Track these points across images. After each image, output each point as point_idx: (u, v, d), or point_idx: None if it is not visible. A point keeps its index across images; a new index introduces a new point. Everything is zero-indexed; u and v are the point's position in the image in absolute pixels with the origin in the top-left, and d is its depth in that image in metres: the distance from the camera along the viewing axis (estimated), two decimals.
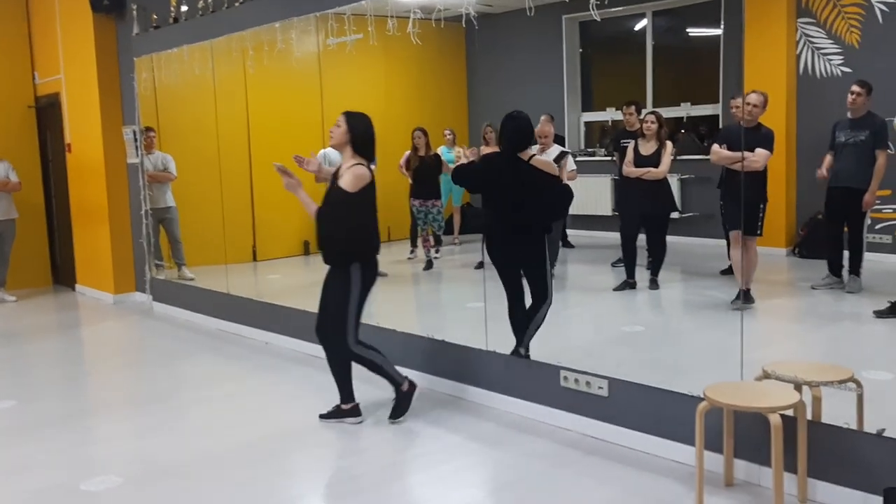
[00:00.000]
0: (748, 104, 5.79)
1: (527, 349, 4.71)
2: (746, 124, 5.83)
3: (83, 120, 8.77)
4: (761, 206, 5.77)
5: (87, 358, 6.90)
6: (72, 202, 9.26)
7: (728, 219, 6.02)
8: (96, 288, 9.01)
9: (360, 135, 4.38)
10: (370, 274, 4.44)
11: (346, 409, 4.61)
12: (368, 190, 4.32)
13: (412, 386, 4.67)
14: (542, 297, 4.75)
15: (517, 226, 4.67)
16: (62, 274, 9.86)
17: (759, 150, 5.61)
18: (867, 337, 5.28)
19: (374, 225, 4.46)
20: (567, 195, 4.81)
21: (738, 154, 5.69)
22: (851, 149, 5.87)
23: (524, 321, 4.74)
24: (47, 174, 9.86)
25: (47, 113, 9.64)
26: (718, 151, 5.83)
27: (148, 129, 8.23)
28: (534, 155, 4.68)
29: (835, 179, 6.00)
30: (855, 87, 5.86)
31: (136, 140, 8.25)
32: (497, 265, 4.82)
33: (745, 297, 5.68)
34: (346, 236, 4.34)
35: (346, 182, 4.27)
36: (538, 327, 4.74)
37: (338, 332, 4.44)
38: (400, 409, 4.60)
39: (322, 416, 4.66)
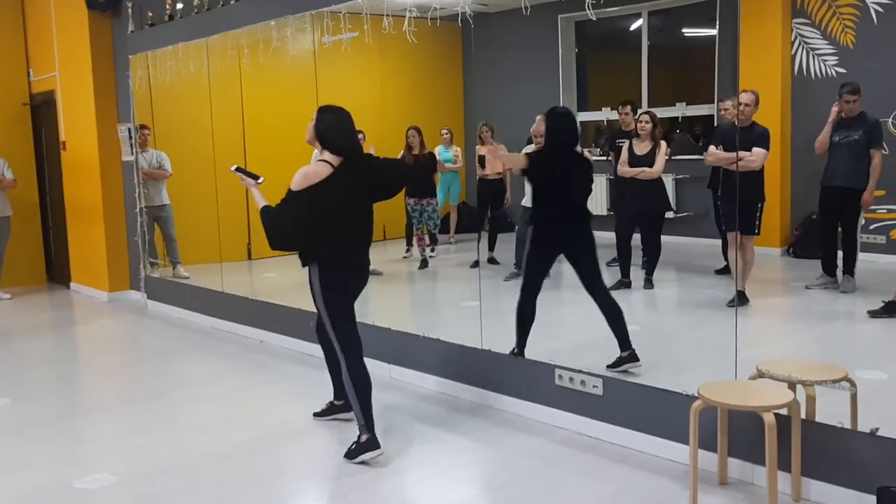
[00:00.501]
0: (741, 104, 5.81)
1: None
2: (741, 124, 5.85)
3: (78, 117, 8.76)
4: (759, 205, 5.79)
5: (82, 356, 6.89)
6: (66, 200, 9.24)
7: (726, 219, 6.03)
8: (91, 286, 8.99)
9: (326, 129, 4.07)
10: (332, 276, 4.10)
11: (339, 405, 4.60)
12: (324, 188, 3.94)
13: (372, 444, 4.04)
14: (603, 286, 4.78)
15: (581, 217, 4.77)
16: (56, 272, 9.84)
17: (755, 150, 5.63)
18: (861, 336, 5.29)
19: (340, 225, 4.04)
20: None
21: (732, 155, 5.71)
22: (845, 148, 5.89)
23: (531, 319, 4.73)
24: (42, 172, 9.83)
25: (42, 110, 9.61)
26: (715, 153, 5.85)
27: (142, 126, 8.21)
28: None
29: (829, 179, 6.02)
30: (849, 97, 5.86)
31: (131, 138, 8.24)
32: (546, 257, 4.79)
33: (740, 298, 5.69)
34: (278, 227, 3.98)
35: (294, 179, 3.97)
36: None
37: (323, 331, 4.35)
38: (352, 453, 4.07)
39: (316, 415, 4.66)
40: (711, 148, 5.97)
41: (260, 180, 4.24)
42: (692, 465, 3.40)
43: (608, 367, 4.52)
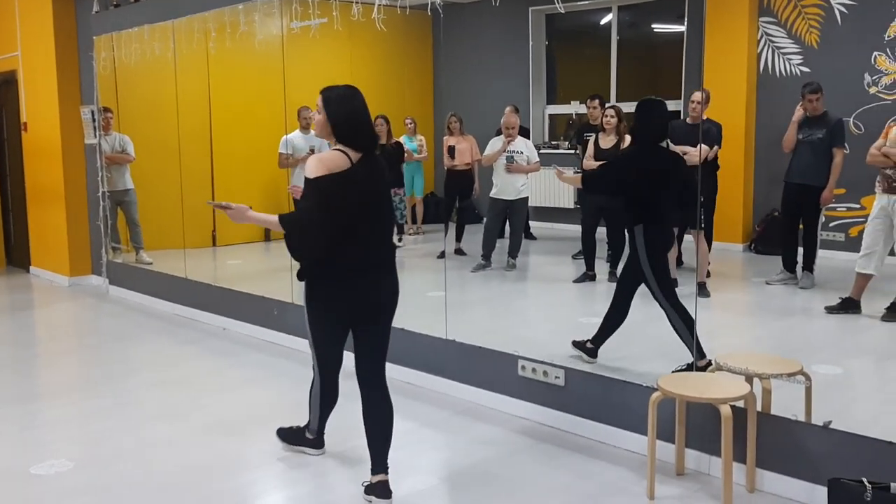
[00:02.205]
0: (691, 102, 5.96)
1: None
2: (692, 121, 5.97)
3: (40, 99, 8.59)
4: (703, 199, 5.91)
5: (39, 340, 6.78)
6: (27, 182, 9.06)
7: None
8: (51, 270, 8.84)
9: (343, 121, 3.36)
10: (322, 290, 3.39)
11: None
12: (338, 184, 3.22)
13: (318, 443, 3.97)
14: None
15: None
16: (16, 255, 9.67)
17: (702, 145, 5.79)
18: (817, 332, 5.39)
19: (352, 232, 3.28)
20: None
21: (678, 150, 5.84)
22: (808, 146, 5.99)
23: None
24: (2, 153, 9.66)
25: (3, 91, 9.43)
26: None
27: (106, 109, 8.08)
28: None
29: (791, 176, 6.13)
30: (811, 96, 5.97)
31: (94, 120, 8.11)
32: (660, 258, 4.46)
33: (700, 290, 5.78)
34: (323, 232, 3.21)
35: (308, 167, 3.25)
36: None
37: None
38: (292, 436, 4.01)
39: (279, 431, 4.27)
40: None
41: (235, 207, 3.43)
42: (650, 456, 3.44)
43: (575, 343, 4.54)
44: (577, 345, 4.61)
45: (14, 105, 9.16)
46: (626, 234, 4.50)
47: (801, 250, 6.08)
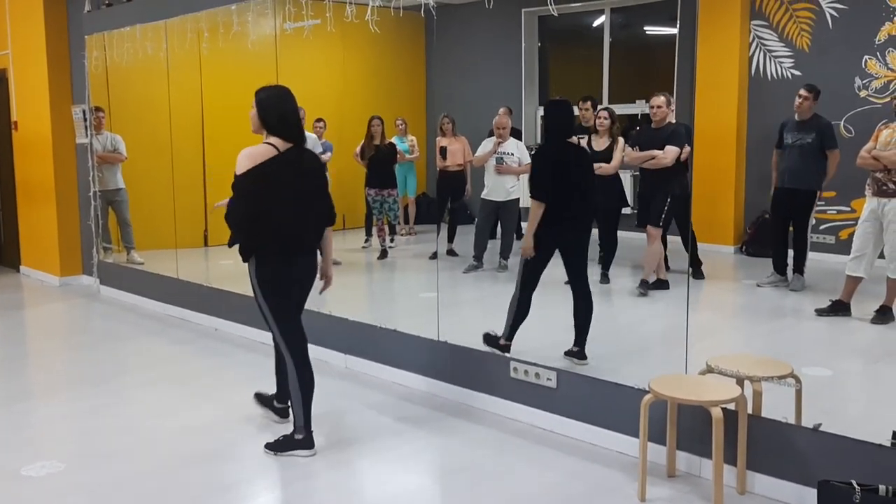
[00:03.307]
0: (652, 106, 6.09)
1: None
2: (655, 125, 6.12)
3: (31, 97, 8.56)
4: (668, 199, 6.06)
5: (29, 340, 6.76)
6: (17, 181, 9.03)
7: (640, 213, 6.29)
8: (42, 270, 8.81)
9: (271, 115, 3.88)
10: (268, 271, 3.86)
11: (279, 408, 4.45)
12: (266, 172, 3.74)
13: (307, 443, 4.00)
14: (586, 281, 4.83)
15: (585, 209, 4.80)
16: (6, 255, 9.63)
17: (668, 147, 5.97)
18: (808, 334, 5.42)
19: (284, 215, 3.81)
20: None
21: (647, 153, 6.11)
22: (797, 150, 6.03)
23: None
24: None
25: None
26: (631, 153, 6.24)
27: (97, 108, 8.06)
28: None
29: (781, 180, 6.17)
30: (803, 91, 6.04)
31: (85, 120, 8.08)
32: (546, 253, 4.78)
33: (643, 284, 6.00)
34: (236, 225, 3.82)
35: (238, 162, 3.78)
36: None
37: (271, 329, 4.06)
38: (280, 445, 4.01)
39: (256, 395, 4.56)
40: (628, 149, 6.23)
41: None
42: (641, 457, 3.46)
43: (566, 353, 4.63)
44: (567, 353, 4.66)
45: (4, 103, 9.12)
46: None
47: (791, 252, 6.11)
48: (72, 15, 8.21)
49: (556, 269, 7.16)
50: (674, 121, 6.28)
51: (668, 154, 5.91)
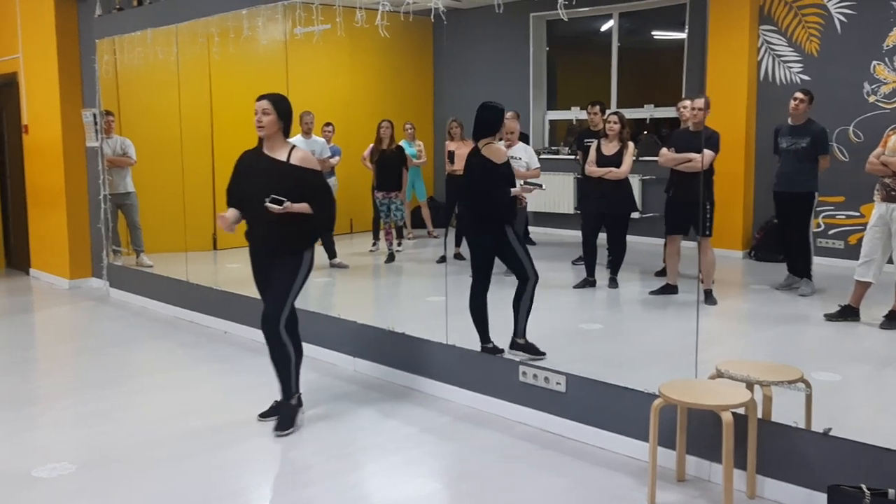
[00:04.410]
0: (693, 108, 5.98)
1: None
2: (694, 128, 6.00)
3: (42, 101, 8.60)
4: (708, 206, 5.96)
5: (39, 343, 6.79)
6: (28, 185, 9.07)
7: (675, 220, 6.16)
8: (51, 273, 8.85)
9: (289, 118, 4.30)
10: (313, 255, 4.39)
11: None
12: None
13: (300, 404, 4.42)
14: (523, 277, 4.84)
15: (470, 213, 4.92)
16: (15, 257, 9.67)
17: (706, 151, 5.79)
18: (817, 339, 5.41)
19: None
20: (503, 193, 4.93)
21: (683, 155, 5.92)
22: (792, 155, 6.06)
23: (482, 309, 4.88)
24: (2, 155, 9.66)
25: (4, 93, 9.43)
26: (666, 154, 6.07)
27: (107, 112, 8.10)
28: (488, 143, 4.77)
29: (778, 184, 6.20)
30: (798, 94, 6.06)
31: (95, 123, 8.12)
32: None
33: (707, 297, 5.82)
34: (332, 215, 4.32)
35: (311, 162, 4.24)
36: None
37: (273, 324, 4.29)
38: (284, 421, 4.32)
39: (261, 416, 4.52)
40: (663, 150, 6.13)
41: (286, 203, 4.08)
42: (651, 462, 3.46)
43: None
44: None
45: (15, 107, 9.17)
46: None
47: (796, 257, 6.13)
48: (82, 19, 8.25)
49: (562, 274, 7.19)
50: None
51: (706, 158, 5.79)
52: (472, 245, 4.93)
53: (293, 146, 4.24)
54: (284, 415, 4.34)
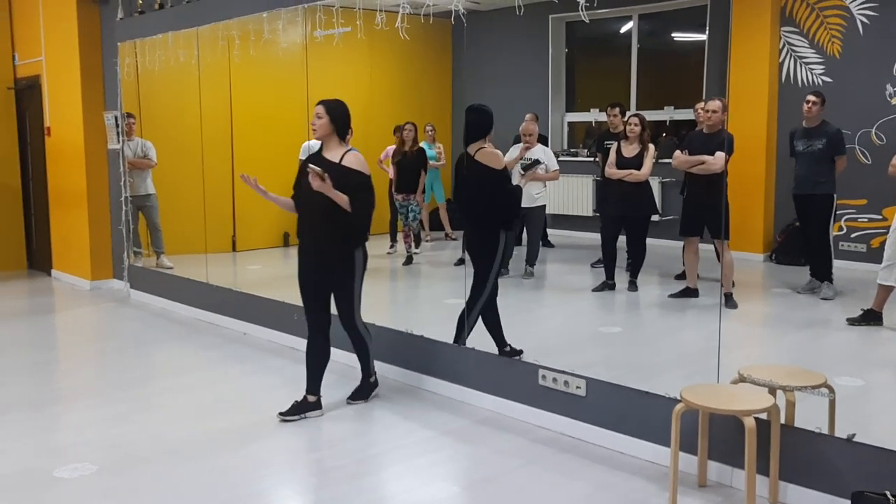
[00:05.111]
0: (708, 111, 5.95)
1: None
2: (709, 130, 5.97)
3: (64, 103, 8.68)
4: (727, 208, 5.92)
5: (61, 344, 6.85)
6: (50, 186, 9.16)
7: (691, 222, 6.11)
8: (72, 273, 8.92)
9: (343, 122, 4.49)
10: (365, 255, 4.62)
11: (312, 402, 4.65)
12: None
13: (376, 384, 4.93)
14: (481, 284, 4.90)
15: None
16: (37, 258, 9.76)
17: (718, 154, 5.75)
18: (839, 344, 5.36)
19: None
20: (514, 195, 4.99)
21: (696, 158, 5.89)
22: (808, 157, 6.02)
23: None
24: (25, 157, 9.75)
25: (27, 95, 9.53)
26: (680, 156, 6.04)
27: (128, 114, 8.16)
28: (481, 147, 4.80)
29: (795, 187, 6.16)
30: (810, 97, 6.03)
31: (117, 126, 8.18)
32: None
33: (728, 300, 5.77)
34: (369, 216, 4.52)
35: (362, 164, 4.44)
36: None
37: (348, 311, 4.64)
38: (361, 393, 4.84)
39: (282, 415, 4.59)
40: (677, 153, 6.09)
41: (327, 179, 4.28)
42: (672, 467, 3.43)
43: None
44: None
45: (37, 109, 9.26)
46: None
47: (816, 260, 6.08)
48: (104, 22, 8.32)
49: (581, 277, 7.16)
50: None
51: (718, 160, 5.76)
52: (474, 258, 4.95)
53: (348, 149, 4.46)
54: (363, 388, 4.85)
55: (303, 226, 4.55)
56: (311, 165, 4.27)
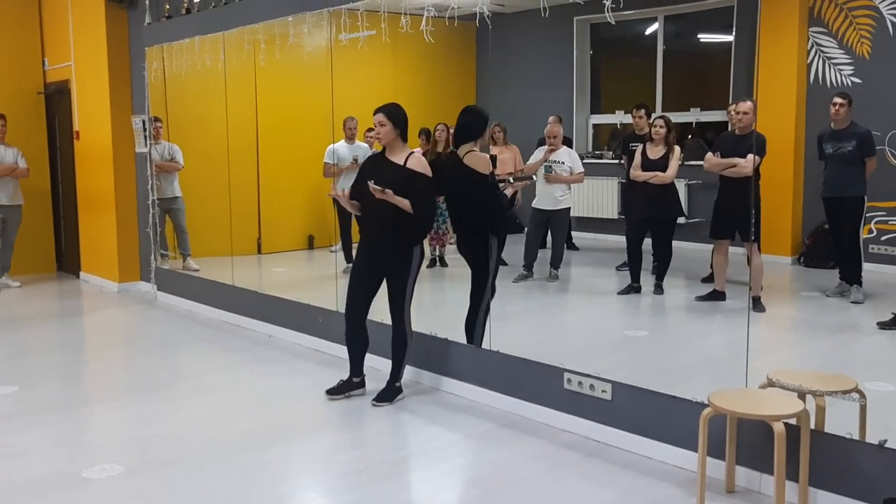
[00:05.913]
0: (739, 112, 5.90)
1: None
2: (740, 132, 5.91)
3: (92, 108, 8.79)
4: (756, 211, 5.86)
5: (89, 345, 6.92)
6: (79, 190, 9.27)
7: (722, 223, 6.07)
8: (101, 276, 9.03)
9: (404, 124, 4.72)
10: (422, 254, 4.78)
11: (356, 382, 4.96)
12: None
13: (401, 389, 4.97)
14: (480, 288, 5.00)
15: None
16: (66, 261, 9.88)
17: (749, 156, 5.70)
18: (870, 348, 5.28)
19: None
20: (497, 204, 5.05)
21: (728, 161, 5.82)
22: (838, 160, 5.94)
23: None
24: (54, 161, 9.88)
25: (56, 99, 9.66)
26: (711, 159, 5.98)
27: (155, 118, 8.24)
28: (470, 150, 4.87)
29: (825, 190, 6.10)
30: (837, 99, 5.96)
31: (144, 129, 8.27)
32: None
33: (756, 304, 5.70)
34: (432, 217, 4.75)
35: (425, 167, 4.61)
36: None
37: (399, 302, 4.79)
38: (387, 395, 4.86)
39: (329, 392, 4.95)
40: (709, 155, 6.05)
41: (387, 191, 4.51)
42: (700, 472, 3.40)
43: None
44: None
45: (67, 114, 9.38)
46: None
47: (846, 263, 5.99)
48: (132, 27, 8.42)
49: (606, 280, 7.12)
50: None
51: (749, 163, 5.72)
52: (469, 262, 5.03)
53: (412, 152, 4.63)
54: (388, 391, 4.87)
55: (366, 221, 4.74)
56: (371, 184, 4.43)
